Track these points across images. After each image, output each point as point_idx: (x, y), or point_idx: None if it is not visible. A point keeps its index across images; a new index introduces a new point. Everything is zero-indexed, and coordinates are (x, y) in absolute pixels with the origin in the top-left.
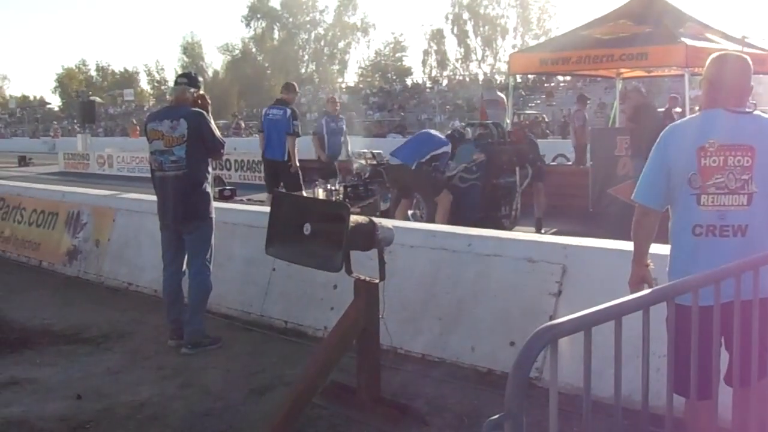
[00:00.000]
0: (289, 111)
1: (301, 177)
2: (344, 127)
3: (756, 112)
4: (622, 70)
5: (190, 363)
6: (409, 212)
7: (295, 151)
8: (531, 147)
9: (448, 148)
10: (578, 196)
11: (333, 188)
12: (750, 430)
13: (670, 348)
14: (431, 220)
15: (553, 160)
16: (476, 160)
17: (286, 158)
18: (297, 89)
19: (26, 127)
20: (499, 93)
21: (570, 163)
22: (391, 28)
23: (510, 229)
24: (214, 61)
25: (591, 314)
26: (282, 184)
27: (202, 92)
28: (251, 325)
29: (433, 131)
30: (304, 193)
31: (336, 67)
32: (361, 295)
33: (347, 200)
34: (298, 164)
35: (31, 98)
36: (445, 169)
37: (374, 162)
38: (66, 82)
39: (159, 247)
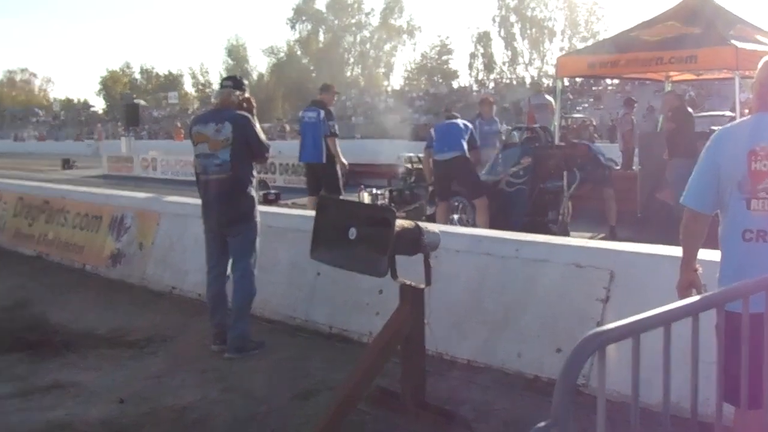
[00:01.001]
0: (322, 112)
1: (341, 179)
2: (499, 129)
3: None
4: (671, 73)
5: (233, 367)
6: (455, 216)
7: (338, 150)
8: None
9: (470, 125)
10: (626, 200)
11: (378, 192)
12: None
13: (720, 356)
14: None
15: None
16: (523, 164)
17: (324, 160)
18: (334, 89)
19: (70, 130)
20: (547, 96)
21: (618, 167)
22: (437, 30)
23: (558, 234)
24: (259, 64)
25: (639, 321)
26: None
27: (247, 95)
28: (296, 329)
29: (448, 121)
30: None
31: (382, 70)
32: (407, 301)
33: (393, 204)
34: (346, 163)
35: (75, 101)
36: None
37: (420, 166)
38: (110, 84)
39: (203, 250)
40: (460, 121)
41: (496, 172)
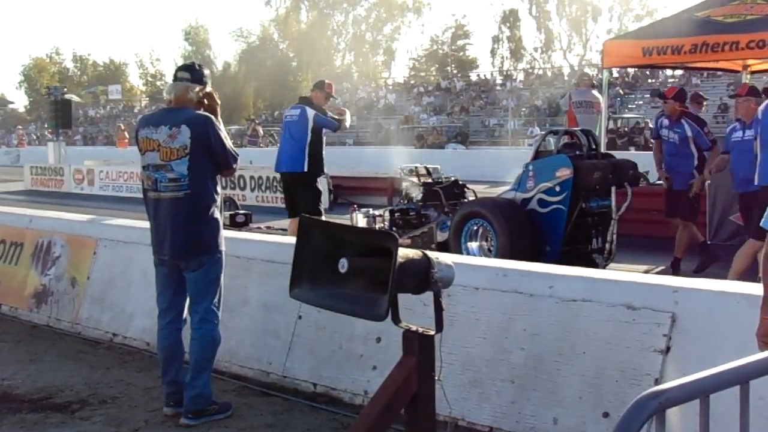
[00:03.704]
0: (308, 109)
1: (321, 194)
2: None
3: None
4: (750, 62)
5: None
6: (474, 244)
7: (345, 118)
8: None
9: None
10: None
11: (376, 213)
12: None
13: None
14: (503, 255)
15: (660, 178)
16: (560, 177)
17: (305, 169)
18: (330, 90)
19: None
20: (594, 92)
21: None
22: (451, 8)
23: (604, 266)
24: (225, 51)
25: (709, 377)
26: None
27: (209, 90)
28: (270, 388)
29: None
30: (324, 216)
31: (381, 57)
32: (412, 351)
33: (395, 229)
34: (346, 119)
35: None
36: None
37: (429, 180)
38: (34, 75)
39: (153, 287)
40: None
41: (525, 188)
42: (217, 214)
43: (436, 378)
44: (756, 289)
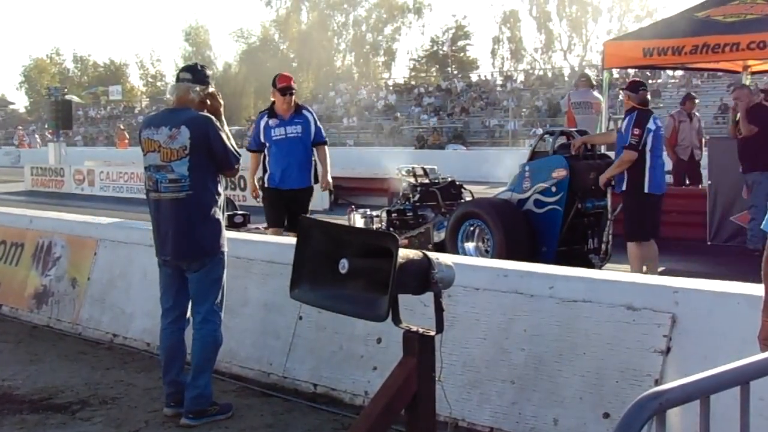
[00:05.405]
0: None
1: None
2: None
3: None
4: (750, 63)
5: None
6: (470, 245)
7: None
8: None
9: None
10: (693, 224)
11: (373, 214)
12: None
13: None
14: (500, 255)
15: None
16: (556, 178)
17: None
18: (284, 82)
19: None
20: (594, 93)
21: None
22: (452, 9)
23: (600, 267)
24: (225, 51)
25: (709, 378)
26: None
27: (212, 90)
28: (271, 389)
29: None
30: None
31: (381, 58)
32: (413, 352)
33: (391, 229)
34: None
35: None
36: None
37: (426, 180)
38: (34, 76)
39: (153, 288)
40: None
41: (521, 189)
42: (218, 215)
43: (437, 378)
44: (756, 290)
